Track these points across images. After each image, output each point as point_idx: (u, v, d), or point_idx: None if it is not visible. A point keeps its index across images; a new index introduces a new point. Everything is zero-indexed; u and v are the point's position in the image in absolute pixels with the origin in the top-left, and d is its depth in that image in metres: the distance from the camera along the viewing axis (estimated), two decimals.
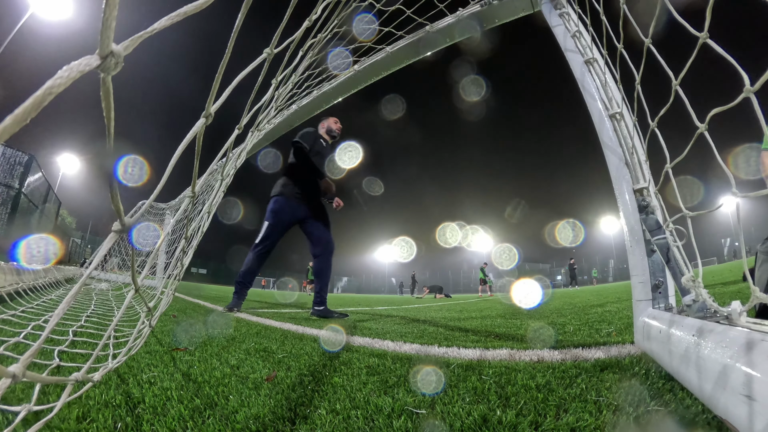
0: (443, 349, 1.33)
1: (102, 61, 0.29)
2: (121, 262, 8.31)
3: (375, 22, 2.49)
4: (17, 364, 0.37)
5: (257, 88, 0.78)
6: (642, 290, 1.16)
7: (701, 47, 0.70)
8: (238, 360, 1.16)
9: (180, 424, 0.65)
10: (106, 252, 1.36)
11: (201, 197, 3.26)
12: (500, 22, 2.23)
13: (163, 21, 0.37)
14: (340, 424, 0.66)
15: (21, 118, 0.25)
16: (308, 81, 2.87)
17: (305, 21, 0.92)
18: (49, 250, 9.48)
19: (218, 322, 2.27)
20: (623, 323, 1.84)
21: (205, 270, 45.18)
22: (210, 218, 1.56)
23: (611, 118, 1.35)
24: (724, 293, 2.91)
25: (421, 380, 0.92)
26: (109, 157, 0.38)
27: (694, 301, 0.86)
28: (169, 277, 1.59)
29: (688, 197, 0.89)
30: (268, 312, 3.34)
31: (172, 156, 0.54)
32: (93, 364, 0.65)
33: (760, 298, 0.58)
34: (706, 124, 0.72)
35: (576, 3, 1.57)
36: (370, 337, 1.69)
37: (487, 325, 2.19)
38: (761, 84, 0.56)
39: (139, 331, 1.02)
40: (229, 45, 0.57)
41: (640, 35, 0.97)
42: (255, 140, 3.08)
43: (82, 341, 1.32)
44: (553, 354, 1.15)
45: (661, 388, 0.76)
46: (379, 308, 4.84)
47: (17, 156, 9.40)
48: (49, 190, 12.84)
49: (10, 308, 1.89)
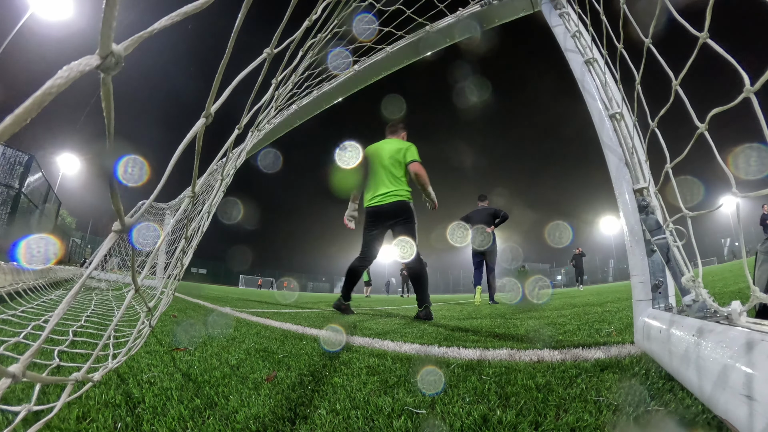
0: (443, 349, 1.33)
1: (102, 61, 0.29)
2: (121, 262, 8.31)
3: (375, 22, 2.49)
4: (17, 364, 0.37)
5: (257, 88, 0.78)
6: (642, 290, 1.16)
7: (701, 47, 0.70)
8: (238, 360, 1.16)
9: (180, 424, 0.65)
10: (106, 252, 1.36)
11: (201, 197, 3.26)
12: (500, 22, 2.23)
13: (163, 21, 0.37)
14: (340, 424, 0.66)
15: (21, 118, 0.25)
16: (308, 81, 2.87)
17: (305, 21, 0.92)
18: (49, 250, 9.47)
19: (218, 322, 2.27)
20: (623, 323, 1.84)
21: (205, 270, 45.22)
22: (210, 218, 1.56)
23: (611, 118, 1.35)
24: (724, 293, 2.91)
25: (421, 380, 0.92)
26: (109, 157, 0.38)
27: (694, 301, 0.86)
28: (169, 277, 1.59)
29: (688, 197, 0.89)
30: (268, 312, 3.34)
31: (172, 156, 0.54)
32: (93, 364, 0.65)
33: (760, 298, 0.58)
34: (706, 124, 0.72)
35: (576, 3, 1.58)
36: (370, 337, 1.69)
37: (487, 325, 2.19)
38: (761, 84, 0.56)
39: (139, 331, 1.02)
40: (229, 45, 0.57)
41: (640, 35, 0.97)
42: (255, 140, 3.08)
43: (82, 341, 1.32)
44: (553, 354, 1.15)
45: (661, 388, 0.76)
46: (379, 308, 4.84)
47: (17, 156, 9.40)
48: (49, 190, 12.85)
49: (10, 308, 1.89)
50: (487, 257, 5.57)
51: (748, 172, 1.87)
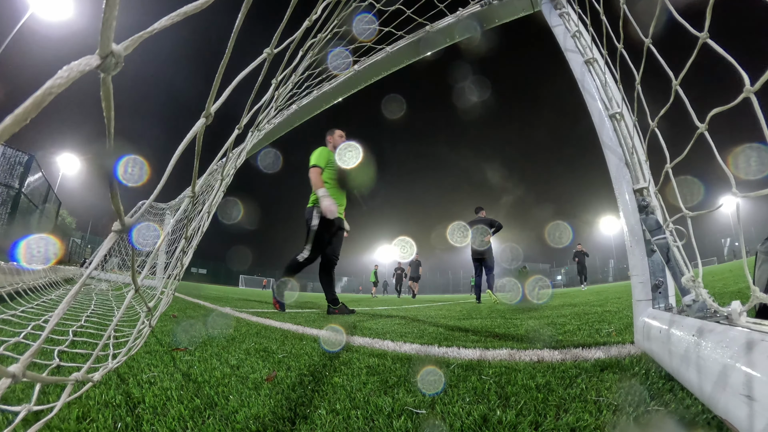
0: (443, 349, 1.33)
1: (102, 61, 0.29)
2: (121, 262, 8.30)
3: (375, 22, 2.49)
4: (17, 364, 0.37)
5: (257, 88, 0.78)
6: (642, 290, 1.16)
7: (701, 47, 0.70)
8: (238, 360, 1.16)
9: (180, 424, 0.65)
10: (106, 252, 1.36)
11: (201, 197, 3.26)
12: (500, 22, 2.23)
13: (163, 21, 0.37)
14: (340, 424, 0.66)
15: (21, 118, 0.25)
16: (308, 81, 2.87)
17: (305, 21, 0.92)
18: (49, 250, 9.47)
19: (218, 322, 2.27)
20: (623, 323, 1.84)
21: (205, 270, 45.23)
22: (210, 218, 1.56)
23: (611, 118, 1.35)
24: (724, 293, 2.91)
25: (421, 380, 0.92)
26: (109, 157, 0.38)
27: (694, 301, 0.86)
28: (169, 277, 1.59)
29: (688, 197, 0.89)
30: (268, 312, 3.34)
31: (172, 156, 0.54)
32: (93, 364, 0.65)
33: (760, 298, 0.58)
34: (706, 124, 0.72)
35: (576, 3, 1.57)
36: (370, 337, 1.69)
37: (487, 325, 2.19)
38: (761, 84, 0.56)
39: (139, 331, 1.02)
40: (229, 45, 0.57)
41: (640, 35, 0.97)
42: (255, 140, 3.08)
43: (82, 341, 1.32)
44: (553, 354, 1.15)
45: (661, 388, 0.76)
46: (379, 308, 4.84)
47: (17, 156, 9.39)
48: (49, 190, 12.84)
49: (10, 308, 1.89)
50: (485, 260, 6.37)
51: (748, 172, 1.87)
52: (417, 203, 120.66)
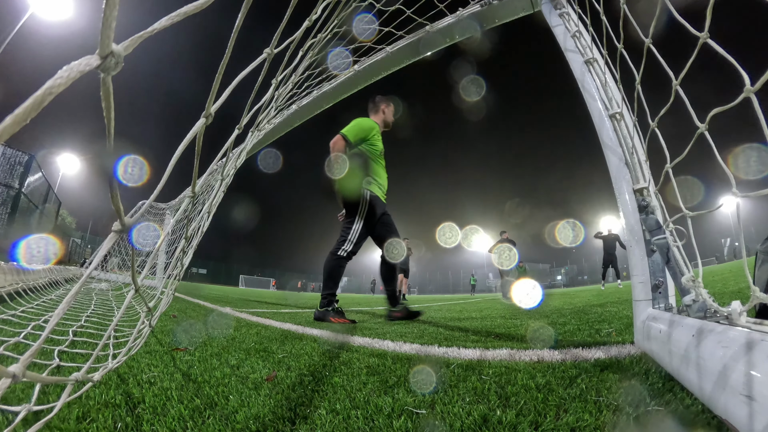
0: (443, 349, 1.33)
1: (102, 61, 0.29)
2: (121, 262, 8.31)
3: (375, 22, 2.49)
4: (17, 364, 0.37)
5: (257, 88, 0.78)
6: (642, 290, 1.16)
7: (701, 47, 0.70)
8: (238, 360, 1.16)
9: (180, 424, 0.65)
10: (106, 252, 1.36)
11: (201, 197, 3.26)
12: (500, 22, 2.23)
13: (163, 21, 0.36)
14: (340, 424, 0.66)
15: (21, 118, 0.25)
16: (308, 81, 2.87)
17: (305, 21, 0.92)
18: (49, 250, 9.48)
19: (218, 322, 2.27)
20: (623, 323, 1.84)
21: (205, 270, 45.25)
22: (210, 218, 1.56)
23: (611, 118, 1.35)
24: (724, 293, 2.91)
25: (421, 380, 0.92)
26: (109, 157, 0.38)
27: (694, 301, 0.86)
28: (169, 277, 1.59)
29: (688, 197, 0.89)
30: (268, 312, 3.34)
31: (172, 156, 0.54)
32: (93, 364, 0.65)
33: (760, 298, 0.58)
34: (706, 124, 0.72)
35: (576, 3, 1.58)
36: (370, 337, 1.69)
37: (487, 325, 2.19)
38: (761, 84, 0.56)
39: (139, 331, 1.01)
40: (229, 45, 0.56)
41: (640, 35, 0.97)
42: (255, 140, 3.08)
43: (82, 341, 1.32)
44: (553, 354, 1.15)
45: (661, 388, 0.76)
46: (379, 308, 4.84)
47: (17, 156, 9.39)
48: (49, 190, 12.84)
49: (10, 308, 1.89)
50: (509, 272, 8.88)
51: (748, 172, 1.87)
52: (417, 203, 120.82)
